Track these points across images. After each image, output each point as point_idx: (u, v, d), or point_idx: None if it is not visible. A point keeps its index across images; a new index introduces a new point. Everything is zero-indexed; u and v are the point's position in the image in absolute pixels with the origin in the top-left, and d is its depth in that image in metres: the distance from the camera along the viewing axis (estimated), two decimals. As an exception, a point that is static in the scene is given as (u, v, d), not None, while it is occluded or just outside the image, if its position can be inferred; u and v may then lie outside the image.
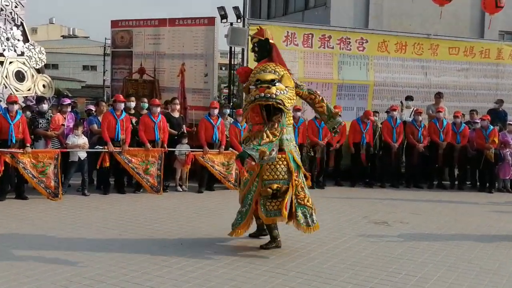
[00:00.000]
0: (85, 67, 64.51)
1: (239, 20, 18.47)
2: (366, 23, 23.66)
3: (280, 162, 7.68)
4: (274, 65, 7.81)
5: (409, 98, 15.22)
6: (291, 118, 8.13)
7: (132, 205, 10.91)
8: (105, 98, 31.27)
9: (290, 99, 7.51)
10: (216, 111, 12.99)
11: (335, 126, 8.27)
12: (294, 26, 16.01)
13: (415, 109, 14.80)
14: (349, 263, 7.19)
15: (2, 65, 14.68)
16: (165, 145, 12.42)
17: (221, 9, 18.21)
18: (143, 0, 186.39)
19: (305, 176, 8.07)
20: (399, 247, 8.14)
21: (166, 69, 15.59)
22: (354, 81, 15.63)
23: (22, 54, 15.28)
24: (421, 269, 7.02)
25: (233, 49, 18.05)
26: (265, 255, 7.42)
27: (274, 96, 7.23)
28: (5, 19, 15.08)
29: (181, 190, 12.82)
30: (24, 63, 15.20)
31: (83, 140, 11.90)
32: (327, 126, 8.53)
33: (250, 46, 8.35)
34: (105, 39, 45.08)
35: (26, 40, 15.57)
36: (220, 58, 22.51)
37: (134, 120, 12.67)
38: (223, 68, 42.97)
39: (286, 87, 7.50)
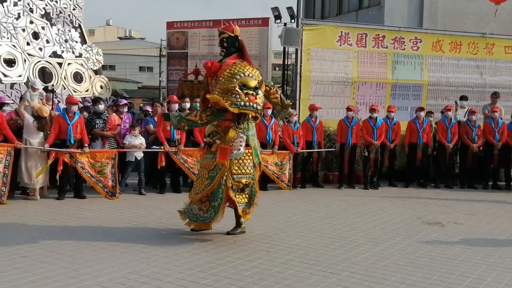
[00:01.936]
0: (141, 68, 65.09)
1: (293, 21, 18.52)
2: (420, 22, 23.41)
3: (247, 157, 8.18)
4: (250, 67, 8.08)
5: (463, 98, 15.05)
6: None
7: (188, 204, 11.07)
8: (161, 99, 31.70)
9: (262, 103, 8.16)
10: (269, 112, 13.04)
11: (287, 116, 8.71)
12: (348, 26, 16.04)
13: (469, 109, 14.62)
14: (402, 263, 7.19)
15: (60, 67, 15.11)
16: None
17: (275, 9, 18.30)
18: (198, 1, 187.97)
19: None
20: (452, 248, 8.08)
21: (221, 70, 15.73)
22: (408, 81, 15.57)
23: (80, 55, 15.71)
24: (475, 270, 6.97)
25: (286, 50, 18.14)
26: (318, 255, 7.48)
27: (258, 108, 7.94)
28: (63, 21, 15.54)
29: (235, 189, 12.93)
30: (82, 65, 15.63)
31: (140, 140, 12.15)
32: (279, 116, 8.88)
33: (226, 40, 8.39)
34: (161, 40, 45.63)
35: (84, 41, 16.01)
36: (273, 58, 22.62)
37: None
38: (277, 69, 43.04)
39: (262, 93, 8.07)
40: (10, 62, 14.38)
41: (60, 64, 15.12)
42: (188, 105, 13.21)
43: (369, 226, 9.42)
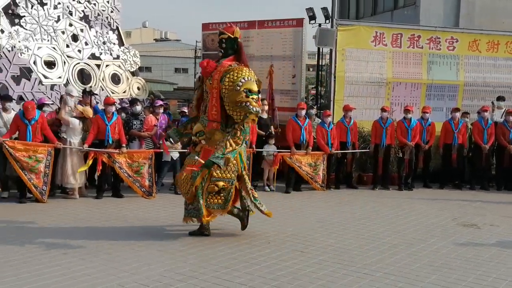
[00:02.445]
0: (177, 70, 65.29)
1: (327, 21, 18.47)
2: (456, 22, 23.18)
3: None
4: (247, 70, 7.99)
5: (500, 98, 14.86)
6: None
7: (222, 204, 11.16)
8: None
9: None
10: (303, 112, 13.10)
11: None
12: (382, 26, 15.97)
13: (506, 109, 14.45)
14: (437, 265, 7.18)
15: (99, 68, 15.34)
16: (253, 146, 12.66)
17: (310, 10, 18.27)
18: (233, 2, 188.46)
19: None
20: (488, 250, 8.04)
21: (255, 71, 15.74)
22: (443, 81, 15.45)
23: (118, 57, 15.92)
24: (511, 273, 6.92)
25: (321, 50, 18.09)
26: (352, 256, 7.51)
27: (260, 110, 8.05)
28: (101, 23, 15.77)
29: (269, 190, 13.03)
30: (119, 66, 15.84)
31: (176, 140, 12.28)
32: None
33: (225, 40, 8.38)
34: (196, 42, 45.90)
35: (121, 43, 16.21)
36: (308, 59, 22.58)
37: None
38: (311, 69, 42.91)
39: None
40: (50, 64, 14.63)
41: (98, 66, 15.34)
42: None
43: (403, 227, 9.41)
